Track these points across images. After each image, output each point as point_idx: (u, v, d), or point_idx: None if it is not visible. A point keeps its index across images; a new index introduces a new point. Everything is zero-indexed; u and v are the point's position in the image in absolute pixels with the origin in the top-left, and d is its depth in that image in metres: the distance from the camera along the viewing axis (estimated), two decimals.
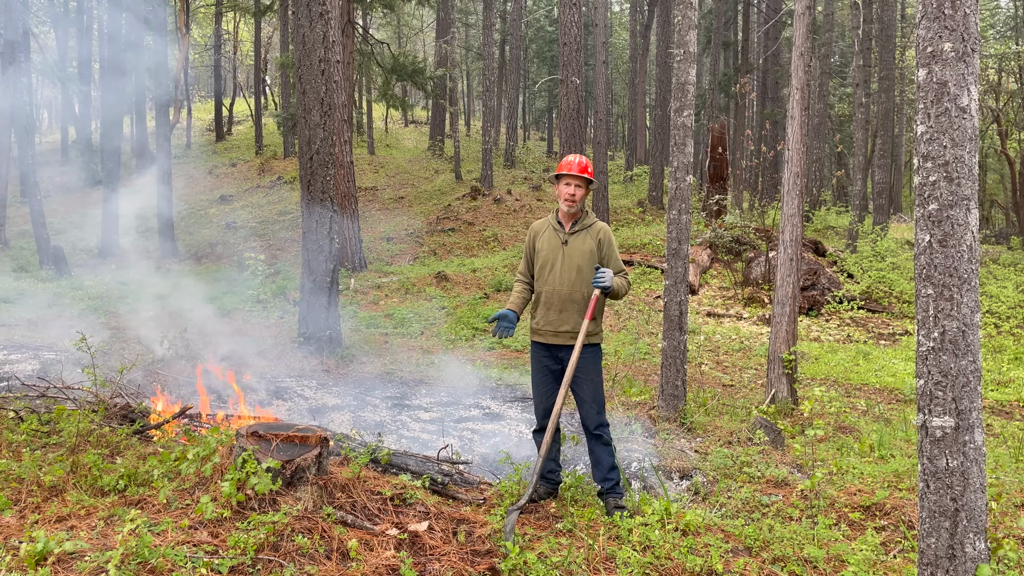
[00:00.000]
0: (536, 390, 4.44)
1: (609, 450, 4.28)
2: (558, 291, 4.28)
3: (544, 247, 4.39)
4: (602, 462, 4.28)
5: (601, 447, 4.28)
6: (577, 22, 16.28)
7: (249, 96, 41.03)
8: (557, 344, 4.31)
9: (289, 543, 3.23)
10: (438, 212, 22.43)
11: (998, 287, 14.16)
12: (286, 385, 7.45)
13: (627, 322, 12.14)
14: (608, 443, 4.29)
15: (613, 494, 4.24)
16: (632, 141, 33.64)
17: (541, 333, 4.35)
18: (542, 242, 4.41)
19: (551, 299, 4.30)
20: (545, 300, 4.33)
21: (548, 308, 4.31)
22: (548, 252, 4.36)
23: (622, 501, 4.20)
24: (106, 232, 18.28)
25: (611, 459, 4.28)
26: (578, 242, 4.32)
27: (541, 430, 4.40)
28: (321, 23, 9.12)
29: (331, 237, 9.24)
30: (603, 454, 4.28)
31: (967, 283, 2.68)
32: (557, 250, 4.33)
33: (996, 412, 8.10)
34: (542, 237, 4.43)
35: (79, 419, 4.16)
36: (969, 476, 2.68)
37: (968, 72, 2.68)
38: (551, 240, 4.38)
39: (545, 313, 4.32)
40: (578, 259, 4.29)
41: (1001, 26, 29.52)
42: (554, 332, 4.30)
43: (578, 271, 4.27)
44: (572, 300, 4.26)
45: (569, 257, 4.30)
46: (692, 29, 6.78)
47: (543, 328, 4.33)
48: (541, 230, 4.47)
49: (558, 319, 4.28)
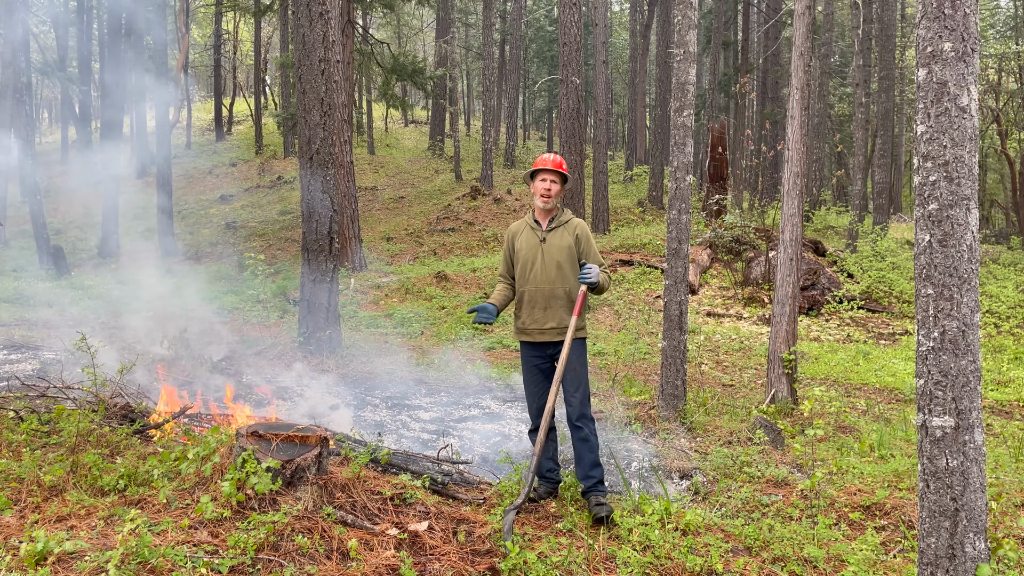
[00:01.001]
0: (528, 389, 4.46)
1: (590, 446, 4.26)
2: (541, 289, 4.31)
3: (523, 247, 4.42)
4: (583, 459, 4.26)
5: (581, 443, 4.27)
6: (577, 22, 16.28)
7: (249, 96, 41.04)
8: (544, 341, 4.34)
9: (289, 543, 3.23)
10: (438, 212, 22.44)
11: (998, 287, 14.16)
12: (286, 385, 7.45)
13: (627, 322, 12.14)
14: (587, 439, 4.26)
15: (595, 492, 4.19)
16: (632, 141, 33.64)
17: (528, 332, 4.37)
18: (520, 242, 4.44)
19: (535, 297, 4.33)
20: (529, 299, 4.35)
21: (532, 307, 4.34)
22: (527, 251, 4.39)
23: (604, 499, 4.14)
24: (106, 232, 18.29)
25: (592, 456, 4.25)
26: (556, 239, 4.36)
27: (536, 429, 4.39)
28: (321, 23, 9.12)
29: (331, 237, 9.24)
30: (584, 450, 4.26)
31: (967, 283, 2.68)
32: (536, 248, 4.37)
33: (996, 412, 8.10)
34: (520, 237, 4.46)
35: (79, 419, 4.16)
36: (969, 476, 2.68)
37: (968, 72, 2.68)
38: (529, 239, 4.42)
39: (530, 312, 4.35)
40: (557, 256, 4.32)
41: (1001, 26, 29.52)
42: (540, 329, 4.33)
43: (558, 267, 4.31)
44: (555, 296, 4.30)
45: (548, 254, 4.34)
46: (692, 29, 6.78)
47: (529, 327, 4.36)
48: (519, 231, 4.50)
49: (543, 316, 4.32)
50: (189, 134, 35.21)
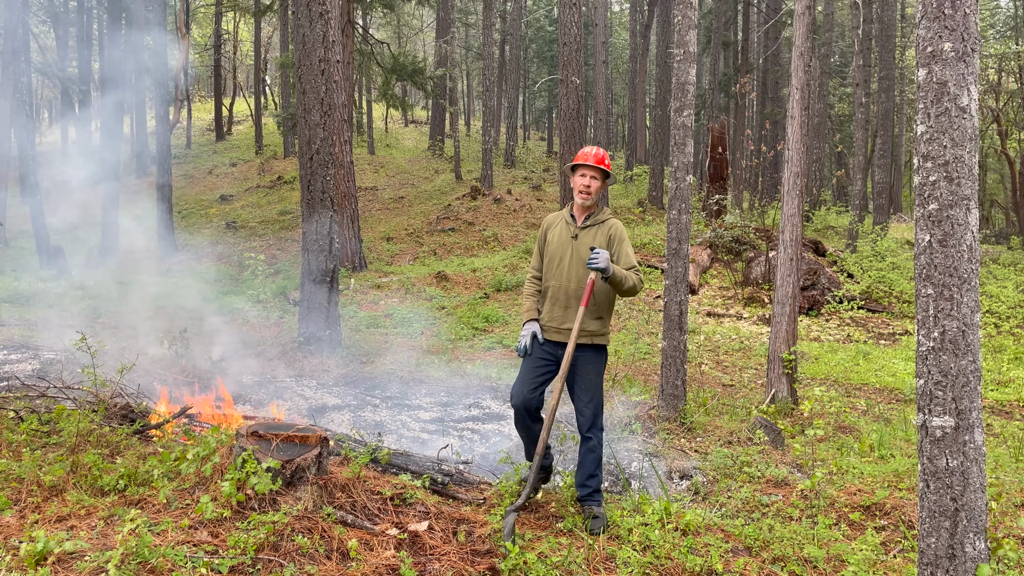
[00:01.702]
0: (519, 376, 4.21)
1: (593, 457, 4.13)
2: (564, 287, 4.12)
3: (554, 240, 4.24)
4: (583, 467, 4.14)
5: (586, 452, 4.15)
6: (577, 22, 16.28)
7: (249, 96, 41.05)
8: (560, 341, 4.14)
9: (289, 543, 3.23)
10: (438, 212, 22.43)
11: (998, 287, 14.16)
12: (286, 385, 7.45)
13: (627, 322, 12.14)
14: (594, 449, 4.13)
15: (590, 501, 4.10)
16: (632, 141, 33.64)
17: (545, 329, 4.19)
18: (553, 234, 4.27)
19: (557, 294, 4.15)
20: (551, 295, 4.18)
21: (554, 303, 4.16)
22: (557, 246, 4.21)
23: (599, 509, 4.04)
24: (106, 232, 18.28)
25: (592, 466, 4.13)
26: (588, 237, 4.14)
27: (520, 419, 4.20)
28: (321, 23, 9.12)
29: (331, 237, 9.24)
30: (586, 460, 4.14)
31: (967, 283, 2.68)
32: (567, 244, 4.18)
33: (996, 412, 8.10)
34: (554, 230, 4.29)
35: (79, 419, 4.16)
36: (969, 476, 2.68)
37: (968, 72, 2.68)
38: (562, 234, 4.23)
39: (550, 308, 4.18)
40: (586, 255, 4.08)
41: (1001, 26, 29.52)
42: (557, 328, 4.14)
43: (586, 267, 4.07)
44: (578, 297, 4.09)
45: (578, 252, 4.13)
46: (692, 29, 6.78)
47: (547, 324, 4.18)
48: (554, 223, 4.32)
49: (562, 315, 4.12)
50: (189, 134, 35.20)
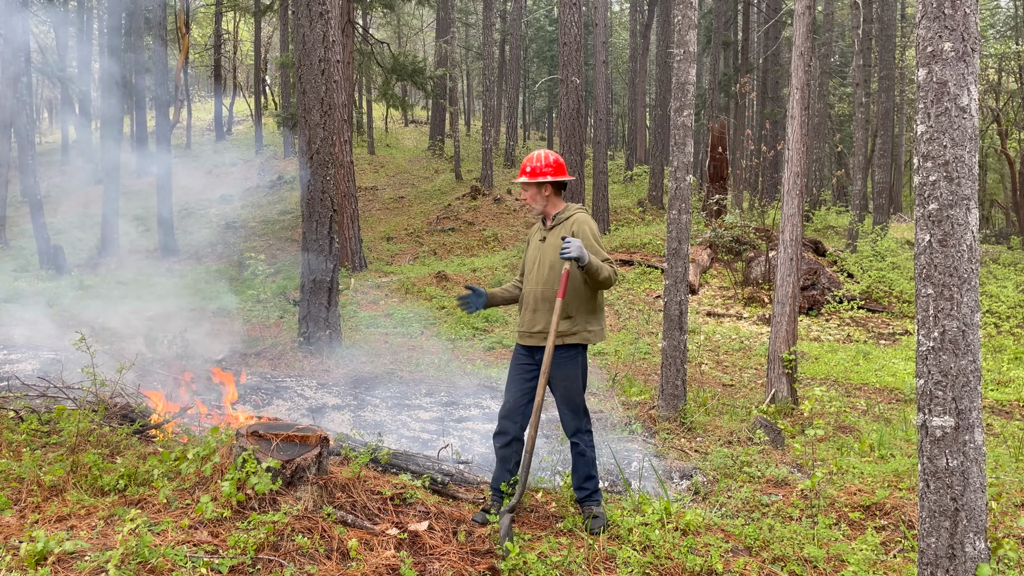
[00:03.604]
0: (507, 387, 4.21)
1: (584, 460, 4.11)
2: (533, 290, 4.11)
3: (530, 246, 4.29)
4: (578, 471, 4.14)
5: (576, 456, 4.14)
6: (577, 22, 16.28)
7: (249, 96, 41.02)
8: (532, 346, 4.12)
9: (289, 543, 3.23)
10: (438, 212, 22.44)
11: (998, 287, 14.16)
12: (286, 385, 7.45)
13: (627, 322, 12.14)
14: (583, 453, 4.11)
15: (589, 502, 4.11)
16: (632, 141, 33.64)
17: (519, 334, 4.21)
18: (531, 242, 4.31)
19: (527, 299, 4.15)
20: (524, 300, 4.20)
21: (524, 308, 4.17)
22: (531, 251, 4.24)
23: (599, 509, 4.04)
24: (106, 232, 18.28)
25: (587, 468, 4.12)
26: (553, 238, 4.10)
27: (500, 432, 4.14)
28: (321, 23, 9.12)
29: (331, 237, 9.24)
30: (579, 463, 4.13)
31: (967, 283, 2.68)
32: (537, 249, 4.19)
33: (996, 412, 8.10)
34: (532, 236, 4.33)
35: (79, 419, 4.16)
36: (969, 476, 2.68)
37: (968, 72, 2.68)
38: (535, 239, 4.26)
39: (522, 314, 4.19)
40: (551, 255, 4.05)
41: (1001, 26, 29.51)
42: (528, 333, 4.12)
43: (550, 268, 4.04)
44: (544, 299, 4.04)
45: (546, 255, 4.11)
46: (692, 29, 6.78)
47: (520, 329, 4.20)
48: (535, 230, 4.36)
49: (531, 319, 4.09)
50: (189, 134, 35.17)
